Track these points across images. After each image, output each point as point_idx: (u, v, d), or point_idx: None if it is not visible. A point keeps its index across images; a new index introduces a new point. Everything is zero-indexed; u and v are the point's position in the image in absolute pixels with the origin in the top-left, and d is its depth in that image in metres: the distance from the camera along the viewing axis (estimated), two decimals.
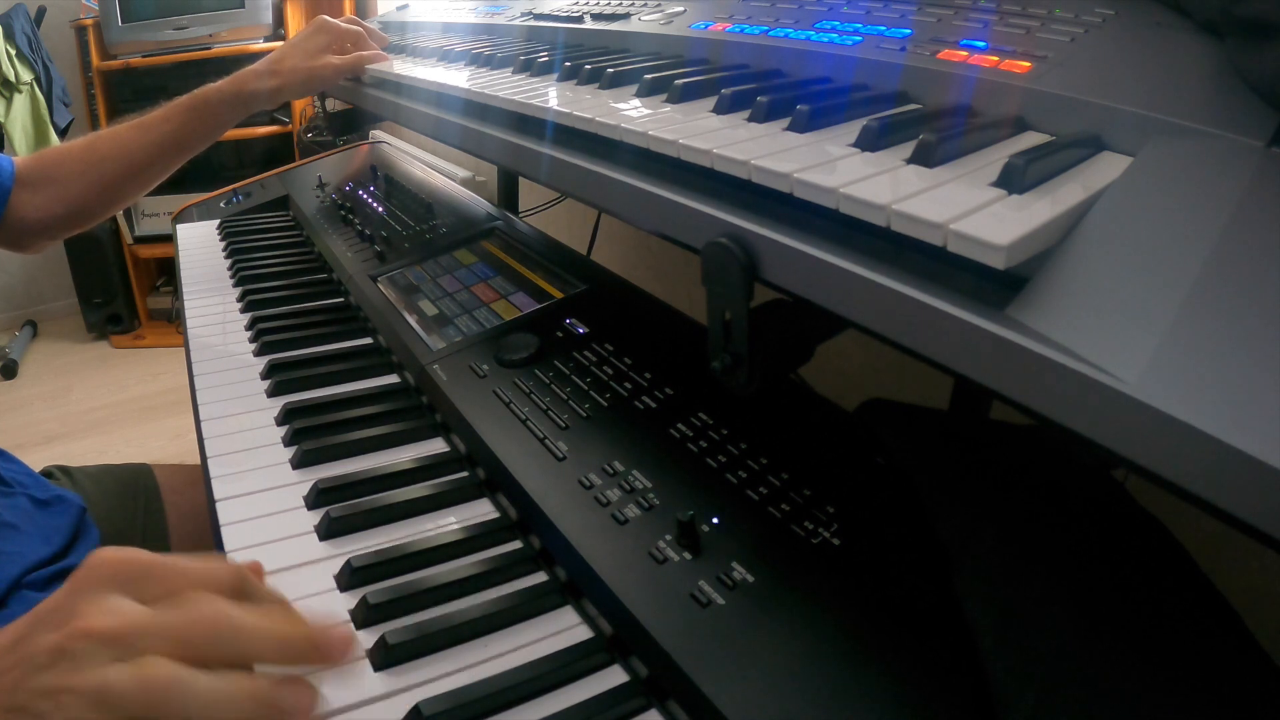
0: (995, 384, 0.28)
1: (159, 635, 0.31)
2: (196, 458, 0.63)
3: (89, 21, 2.36)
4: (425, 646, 0.43)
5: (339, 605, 0.46)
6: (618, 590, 0.41)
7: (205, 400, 0.68)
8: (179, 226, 1.18)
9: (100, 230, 2.43)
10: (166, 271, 2.74)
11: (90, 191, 0.83)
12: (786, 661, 0.36)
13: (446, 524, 0.52)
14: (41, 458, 0.84)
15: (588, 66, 0.60)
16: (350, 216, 1.00)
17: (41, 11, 2.47)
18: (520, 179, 1.34)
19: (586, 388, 0.58)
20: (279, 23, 2.46)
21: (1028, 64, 0.42)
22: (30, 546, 0.63)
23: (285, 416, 0.64)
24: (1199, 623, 0.36)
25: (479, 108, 0.63)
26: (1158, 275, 0.27)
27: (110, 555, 0.34)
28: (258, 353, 0.76)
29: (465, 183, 1.47)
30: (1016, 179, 0.33)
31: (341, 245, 0.93)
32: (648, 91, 0.53)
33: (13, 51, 2.30)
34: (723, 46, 0.60)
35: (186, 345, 0.80)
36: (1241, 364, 0.24)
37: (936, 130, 0.37)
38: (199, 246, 1.08)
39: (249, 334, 0.80)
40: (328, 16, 0.91)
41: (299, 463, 0.58)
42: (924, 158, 0.36)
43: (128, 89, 2.46)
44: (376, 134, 1.97)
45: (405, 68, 0.83)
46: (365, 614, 0.44)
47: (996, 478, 0.44)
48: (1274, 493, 0.21)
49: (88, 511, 0.72)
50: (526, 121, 0.56)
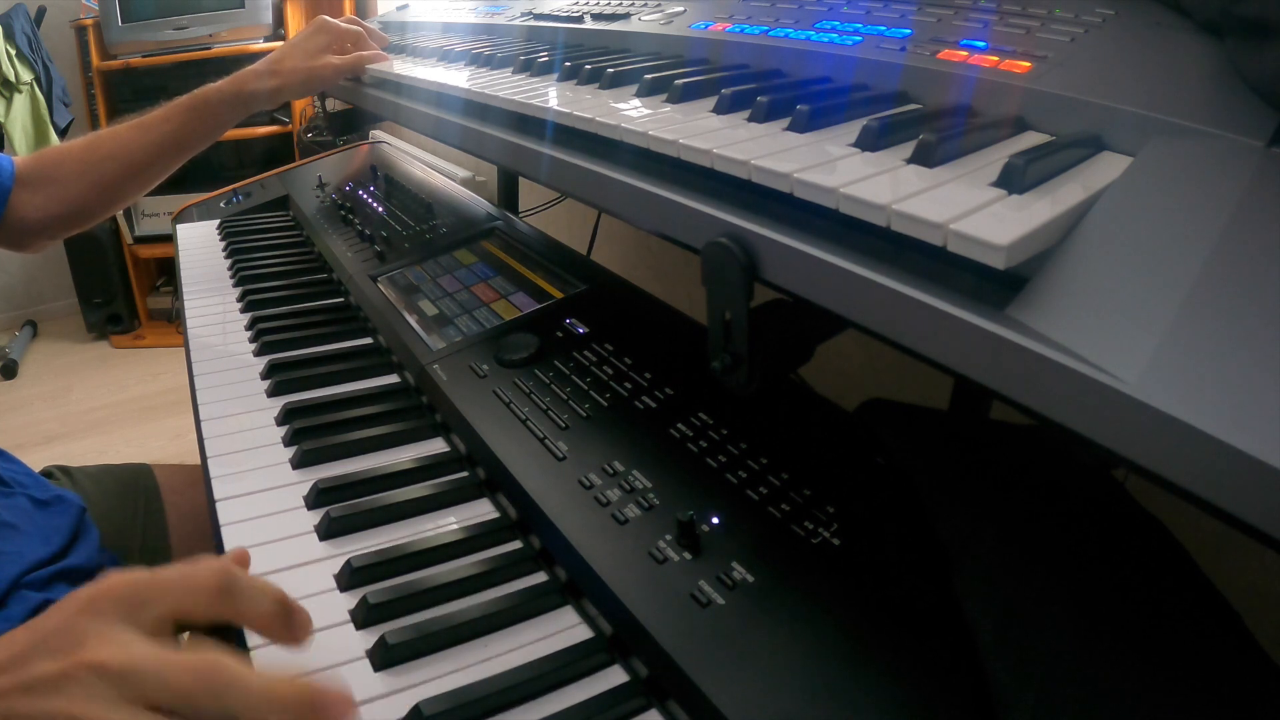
0: (995, 384, 0.28)
1: (161, 684, 0.31)
2: (196, 458, 0.63)
3: (89, 21, 2.36)
4: (425, 646, 0.43)
5: (339, 605, 0.46)
6: (618, 590, 0.41)
7: (205, 400, 0.68)
8: (179, 226, 1.18)
9: (100, 230, 2.43)
10: (166, 271, 2.74)
11: (90, 191, 0.83)
12: (786, 661, 0.36)
13: (446, 524, 0.52)
14: (41, 458, 0.84)
15: (588, 66, 0.60)
16: (350, 216, 1.00)
17: (41, 11, 2.47)
18: (520, 179, 1.34)
19: (586, 388, 0.58)
20: (279, 23, 2.46)
21: (1028, 64, 0.42)
22: (30, 546, 0.63)
23: (285, 416, 0.64)
24: (1199, 623, 0.36)
25: (479, 108, 0.63)
26: (1158, 275, 0.27)
27: (117, 581, 0.34)
28: (258, 353, 0.76)
29: (465, 183, 1.47)
30: (1016, 179, 0.33)
31: (341, 245, 0.93)
32: (648, 91, 0.53)
33: (13, 51, 2.30)
34: (723, 46, 0.60)
35: (186, 345, 0.80)
36: (1241, 364, 0.24)
37: (936, 130, 0.37)
38: (199, 246, 1.08)
39: (249, 334, 0.80)
40: (328, 16, 0.91)
41: (299, 463, 0.58)
42: (924, 158, 0.36)
43: (128, 89, 2.46)
44: (376, 134, 1.97)
45: (405, 68, 0.83)
46: (365, 614, 0.44)
47: (996, 478, 0.44)
48: (1274, 493, 0.21)
49: (87, 511, 0.72)
50: (526, 121, 0.56)
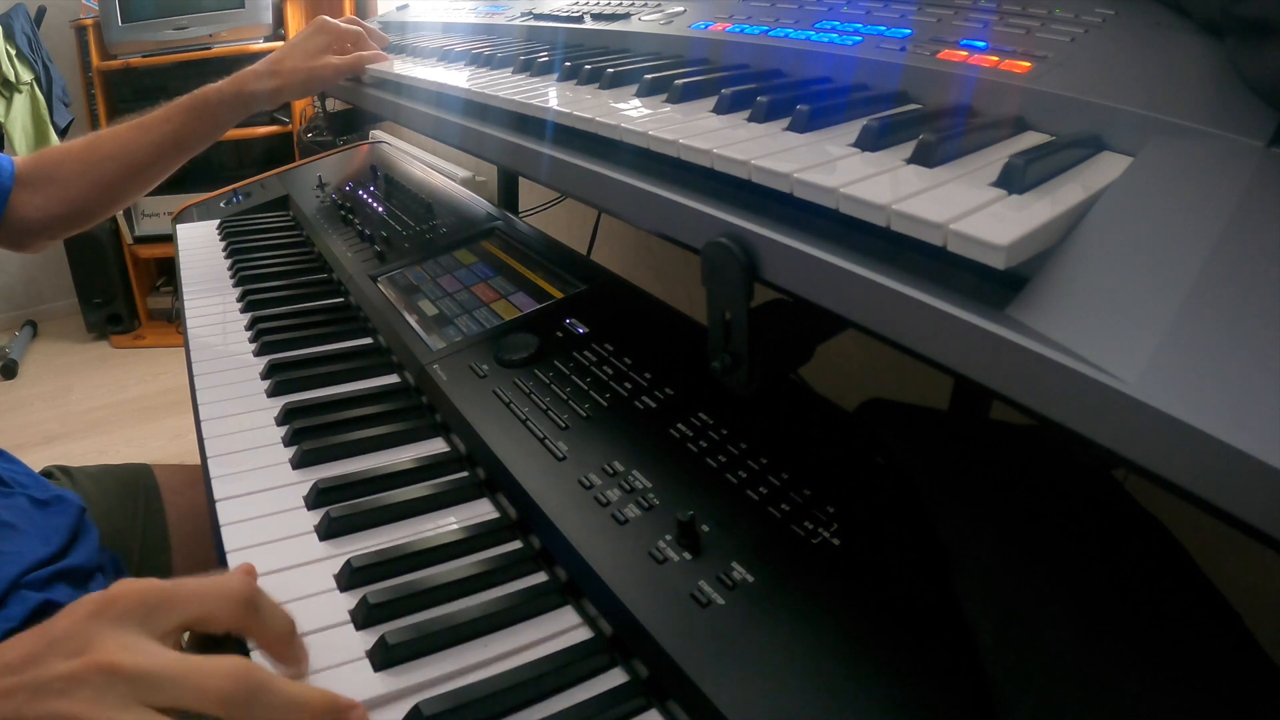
0: (995, 384, 0.28)
1: (192, 688, 0.31)
2: (196, 458, 0.63)
3: (89, 21, 2.36)
4: (425, 646, 0.43)
5: (339, 605, 0.46)
6: (618, 590, 0.41)
7: (205, 400, 0.68)
8: (179, 226, 1.18)
9: (100, 230, 2.43)
10: (166, 271, 2.74)
11: (90, 191, 0.83)
12: (786, 661, 0.36)
13: (446, 524, 0.52)
14: (41, 458, 0.84)
15: (588, 66, 0.60)
16: (350, 216, 1.00)
17: (41, 11, 2.47)
18: (520, 179, 1.34)
19: (586, 388, 0.58)
20: (279, 23, 2.46)
21: (1028, 64, 0.42)
22: (29, 546, 0.63)
23: (285, 416, 0.64)
24: (1199, 623, 0.36)
25: (479, 108, 0.63)
26: (1158, 275, 0.27)
27: (131, 587, 0.35)
28: (258, 353, 0.76)
29: (465, 183, 1.47)
30: (1016, 179, 0.33)
31: (341, 245, 0.93)
32: (648, 91, 0.53)
33: (13, 51, 2.30)
34: (723, 46, 0.60)
35: (186, 345, 0.80)
36: (1241, 364, 0.24)
37: (936, 130, 0.37)
38: (199, 246, 1.08)
39: (249, 334, 0.80)
40: (328, 17, 0.91)
41: (299, 463, 0.58)
42: (924, 158, 0.36)
43: (128, 89, 2.46)
44: (376, 134, 1.97)
45: (405, 68, 0.83)
46: (365, 614, 0.44)
47: (996, 478, 0.44)
48: (1274, 493, 0.21)
49: (87, 511, 0.72)
50: (526, 121, 0.56)
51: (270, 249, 1.04)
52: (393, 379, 0.71)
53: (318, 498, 0.54)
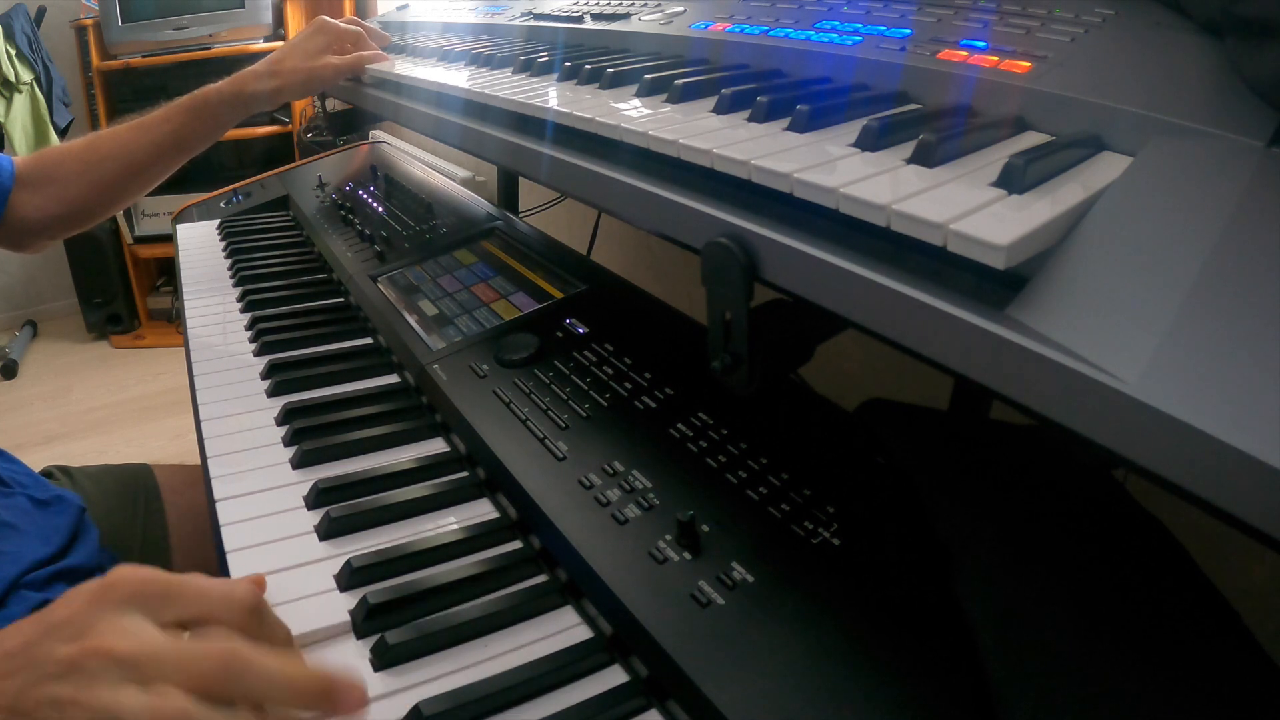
0: (995, 384, 0.28)
1: (175, 666, 0.31)
2: (196, 458, 0.63)
3: (89, 21, 2.36)
4: (425, 646, 0.43)
5: (339, 605, 0.46)
6: (618, 590, 0.41)
7: (205, 400, 0.68)
8: (179, 226, 1.18)
9: (100, 230, 2.43)
10: (166, 271, 2.74)
11: (90, 191, 0.83)
12: (786, 661, 0.36)
13: (446, 524, 0.52)
14: (41, 458, 0.84)
15: (588, 66, 0.60)
16: (350, 216, 1.00)
17: (41, 11, 2.47)
18: (520, 179, 1.34)
19: (586, 388, 0.58)
20: (279, 23, 2.46)
21: (1028, 64, 0.42)
22: (29, 546, 0.63)
23: (285, 416, 0.64)
24: (1199, 623, 0.36)
25: (479, 108, 0.63)
26: (1158, 275, 0.27)
27: (131, 574, 0.34)
28: (258, 353, 0.76)
29: (465, 183, 1.47)
30: (1016, 179, 0.33)
31: (341, 245, 0.93)
32: (648, 91, 0.53)
33: (13, 51, 2.30)
34: (723, 46, 0.60)
35: (186, 345, 0.80)
36: (1241, 364, 0.24)
37: (936, 130, 0.37)
38: (199, 246, 1.08)
39: (249, 334, 0.80)
40: (327, 17, 0.91)
41: (299, 463, 0.58)
42: (924, 158, 0.36)
43: (128, 89, 2.46)
44: (376, 134, 1.97)
45: (405, 68, 0.83)
46: (365, 614, 0.44)
47: (996, 478, 0.44)
48: (1274, 493, 0.21)
49: (87, 511, 0.72)
50: (526, 121, 0.56)
51: (270, 249, 1.04)
52: (393, 379, 0.71)
53: (318, 498, 0.54)
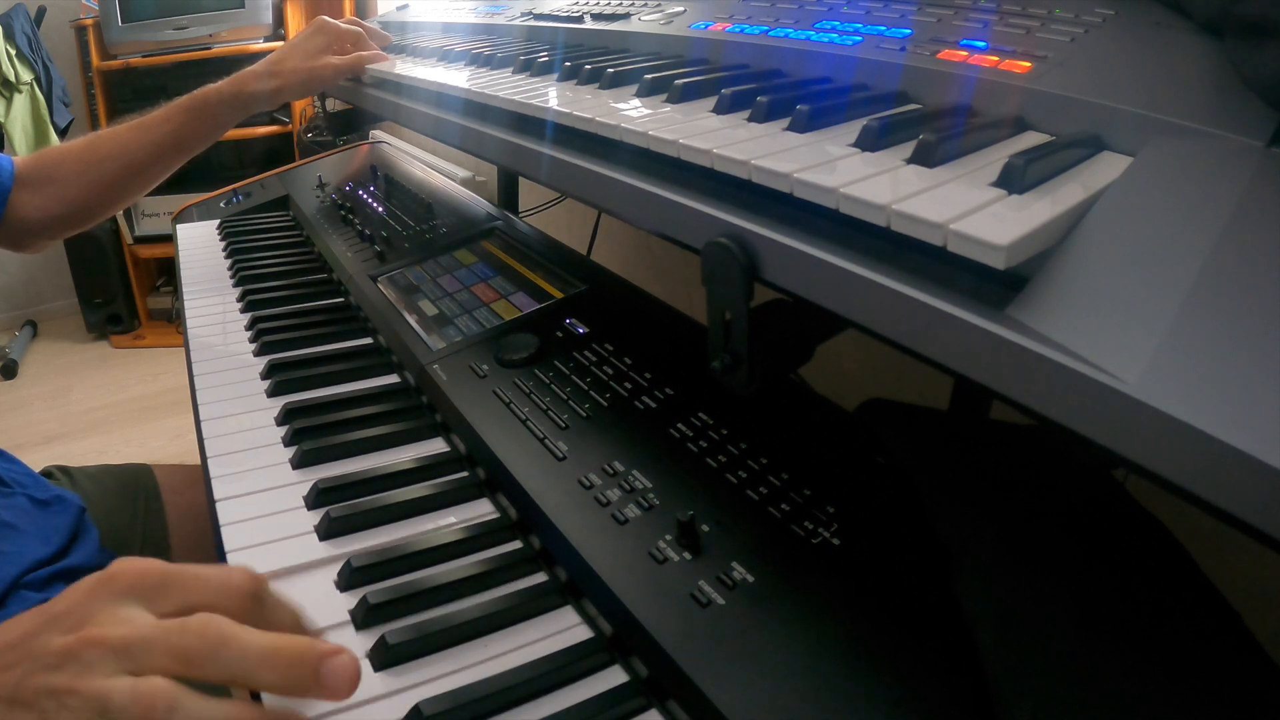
0: (995, 384, 0.28)
1: (160, 649, 0.31)
2: (196, 458, 0.63)
3: (89, 21, 2.36)
4: (425, 646, 0.43)
5: (339, 605, 0.46)
6: (618, 590, 0.41)
7: (205, 400, 0.68)
8: (179, 226, 1.18)
9: (100, 230, 2.43)
10: (166, 271, 2.74)
11: (90, 191, 0.83)
12: (786, 661, 0.36)
13: (446, 524, 0.52)
14: (41, 458, 0.84)
15: (588, 66, 0.60)
16: (350, 216, 1.00)
17: (41, 11, 2.47)
18: (520, 179, 1.34)
19: (586, 388, 0.58)
20: (279, 23, 2.46)
21: (1028, 64, 0.42)
22: (29, 546, 0.63)
23: (285, 416, 0.64)
24: (1199, 623, 0.36)
25: (479, 108, 0.63)
26: (1158, 275, 0.27)
27: (130, 566, 0.34)
28: (258, 353, 0.76)
29: (465, 183, 1.47)
30: (1016, 179, 0.33)
31: (341, 245, 0.93)
32: (648, 91, 0.53)
33: (13, 51, 2.30)
34: (723, 46, 0.60)
35: (186, 345, 0.80)
36: (1241, 364, 0.24)
37: (936, 130, 0.37)
38: (199, 246, 1.08)
39: (249, 334, 0.80)
40: (327, 17, 0.91)
41: (299, 463, 0.58)
42: (924, 158, 0.36)
43: (128, 89, 2.46)
44: (376, 134, 1.97)
45: (405, 68, 0.83)
46: (365, 614, 0.44)
47: (996, 478, 0.44)
48: (1274, 493, 0.21)
49: (87, 511, 0.72)
50: (526, 121, 0.56)
51: (270, 249, 1.04)
52: (393, 379, 0.71)
53: (318, 498, 0.54)
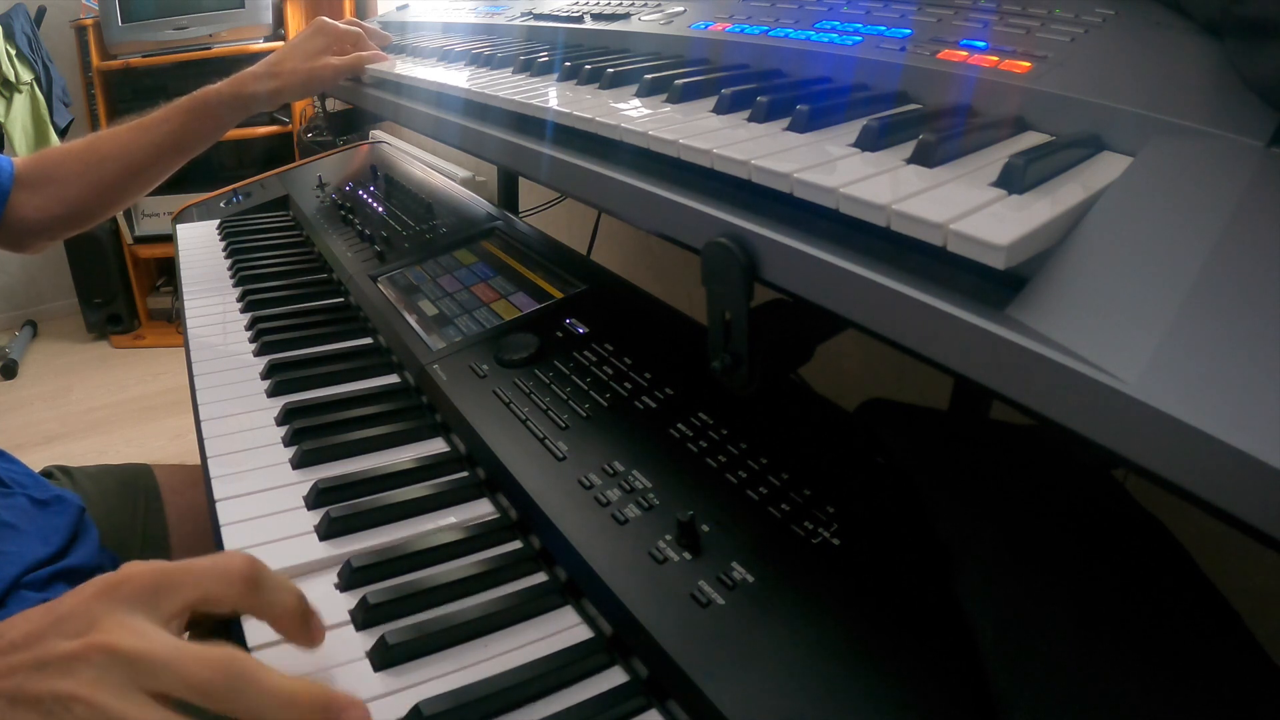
0: (995, 384, 0.28)
1: (177, 675, 0.31)
2: (196, 458, 0.63)
3: (89, 21, 2.36)
4: (425, 646, 0.43)
5: (339, 605, 0.46)
6: (618, 590, 0.41)
7: (205, 400, 0.68)
8: (179, 226, 1.18)
9: (100, 230, 2.43)
10: (166, 271, 2.74)
11: (90, 192, 0.83)
12: (786, 661, 0.36)
13: (446, 524, 0.52)
14: (41, 458, 0.84)
15: (588, 66, 0.60)
16: (350, 216, 1.00)
17: (41, 11, 2.47)
18: (520, 179, 1.34)
19: (586, 388, 0.58)
20: (279, 23, 2.46)
21: (1028, 64, 0.42)
22: (29, 547, 0.63)
23: (285, 416, 0.64)
24: (1199, 623, 0.36)
25: (479, 108, 0.63)
26: (1158, 275, 0.27)
27: (137, 570, 0.34)
28: (258, 353, 0.76)
29: (465, 183, 1.47)
30: (1016, 179, 0.33)
31: (341, 245, 0.93)
32: (648, 91, 0.53)
33: (13, 51, 2.30)
34: (723, 46, 0.60)
35: (186, 345, 0.80)
36: (1241, 364, 0.24)
37: (936, 130, 0.37)
38: (199, 246, 1.08)
39: (249, 334, 0.80)
40: (327, 18, 0.91)
41: (299, 463, 0.58)
42: (924, 158, 0.36)
43: (128, 89, 2.46)
44: (376, 134, 1.97)
45: (405, 68, 0.82)
46: (365, 614, 0.44)
47: (996, 478, 0.44)
48: (1274, 493, 0.21)
49: (87, 511, 0.72)
50: (526, 121, 0.56)
51: (270, 249, 1.04)
52: (393, 379, 0.71)
53: (318, 498, 0.54)
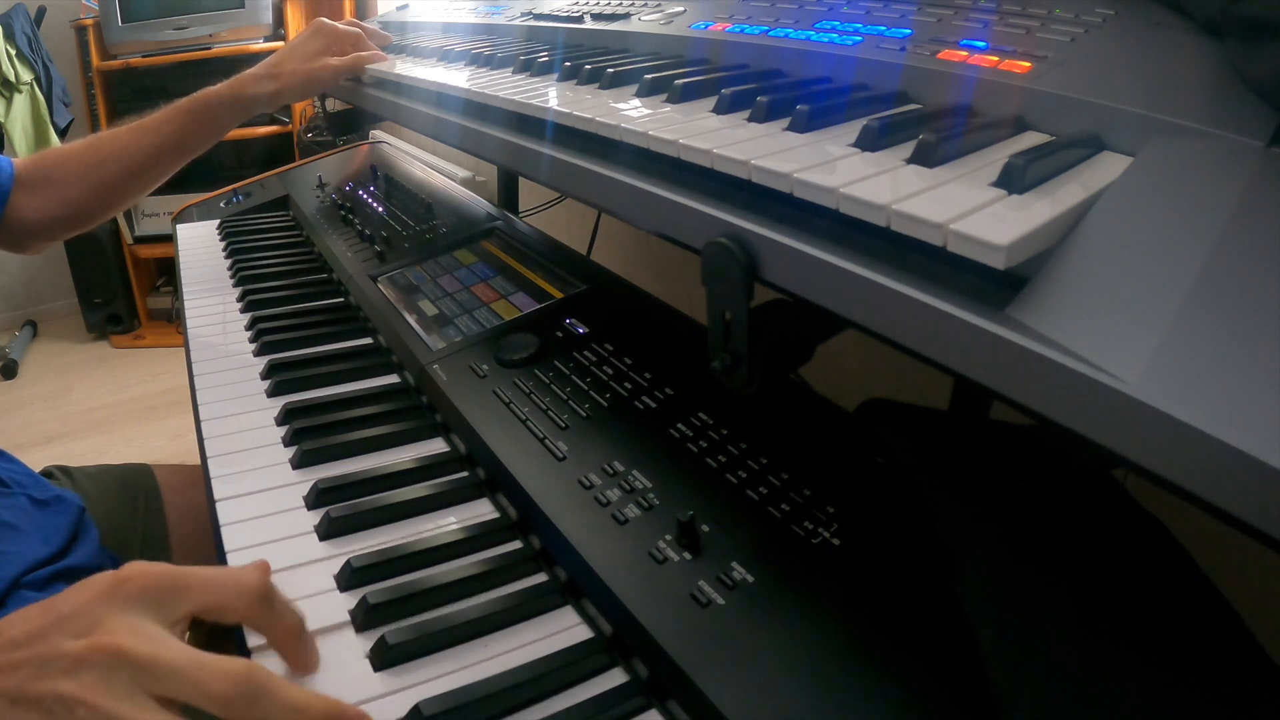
0: (995, 384, 0.28)
1: (191, 684, 0.31)
2: (196, 458, 0.63)
3: (89, 21, 2.36)
4: (425, 646, 0.43)
5: (339, 605, 0.46)
6: (618, 590, 0.41)
7: (205, 400, 0.68)
8: (179, 226, 1.18)
9: (100, 230, 2.43)
10: (166, 271, 2.74)
11: (90, 193, 0.83)
12: (786, 661, 0.36)
13: (446, 524, 0.52)
14: (41, 458, 0.84)
15: (588, 66, 0.60)
16: (350, 216, 1.00)
17: (41, 11, 2.47)
18: (520, 179, 1.34)
19: (586, 388, 0.58)
20: (279, 23, 2.46)
21: (1028, 64, 0.42)
22: (29, 547, 0.63)
23: (285, 416, 0.64)
24: (1199, 623, 0.36)
25: (479, 108, 0.63)
26: (1158, 275, 0.27)
27: (141, 570, 0.34)
28: (258, 353, 0.76)
29: (465, 183, 1.47)
30: (1016, 179, 0.33)
31: (341, 245, 0.93)
32: (648, 91, 0.53)
33: (13, 51, 2.29)
34: (723, 46, 0.60)
35: (186, 345, 0.80)
36: (1241, 364, 0.24)
37: (936, 130, 0.37)
38: (199, 246, 1.08)
39: (249, 334, 0.80)
40: (326, 18, 0.91)
41: (299, 463, 0.58)
42: (924, 158, 0.36)
43: (128, 89, 2.46)
44: (376, 134, 1.97)
45: (405, 68, 0.82)
46: (365, 614, 0.44)
47: (996, 478, 0.44)
48: (1274, 493, 0.21)
49: (87, 511, 0.72)
50: (526, 121, 0.56)
51: (270, 249, 1.04)
52: (393, 379, 0.71)
53: (318, 498, 0.54)
